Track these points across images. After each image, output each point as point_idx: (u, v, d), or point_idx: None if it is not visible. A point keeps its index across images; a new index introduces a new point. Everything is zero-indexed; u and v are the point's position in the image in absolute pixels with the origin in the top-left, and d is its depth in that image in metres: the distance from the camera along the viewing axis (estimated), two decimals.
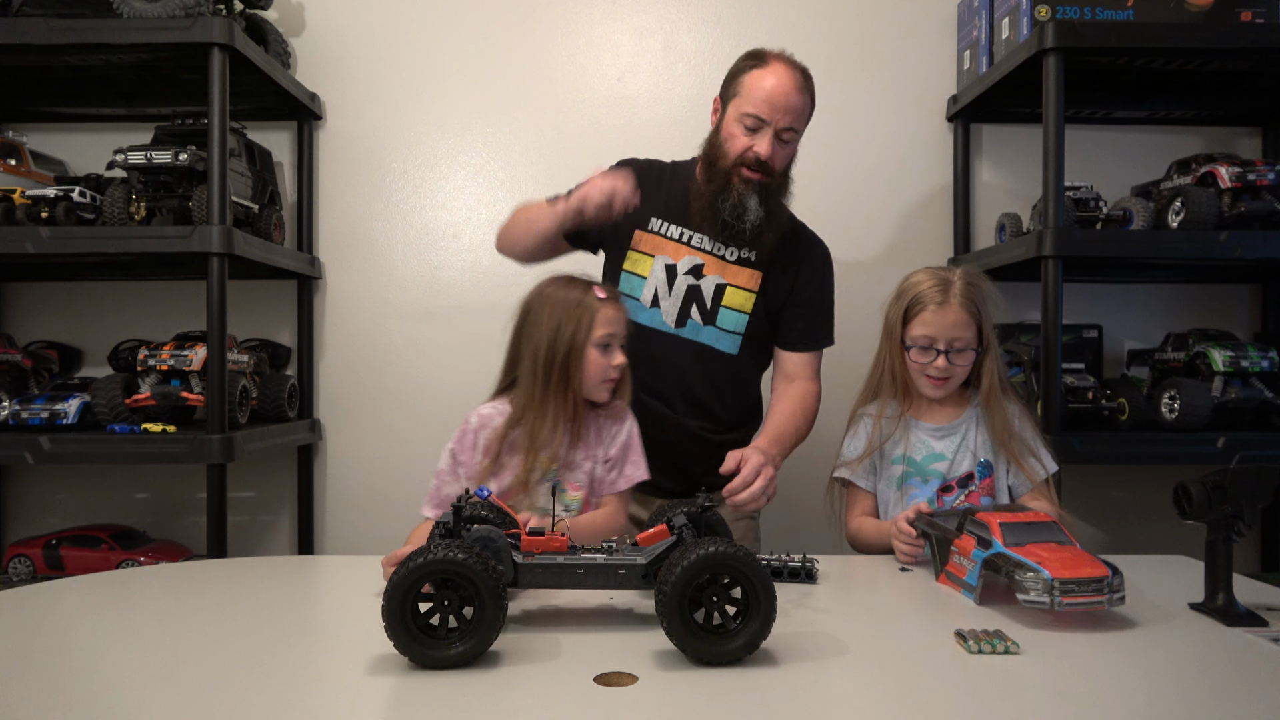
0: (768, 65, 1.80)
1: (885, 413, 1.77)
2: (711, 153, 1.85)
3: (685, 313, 1.88)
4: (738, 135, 1.80)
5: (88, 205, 2.13)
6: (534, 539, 1.15)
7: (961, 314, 1.69)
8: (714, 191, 1.82)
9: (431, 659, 1.00)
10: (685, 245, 1.89)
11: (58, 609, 1.29)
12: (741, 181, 1.80)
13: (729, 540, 1.06)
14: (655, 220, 1.91)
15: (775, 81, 1.78)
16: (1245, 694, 0.98)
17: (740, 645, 1.03)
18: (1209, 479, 1.22)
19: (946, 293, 1.70)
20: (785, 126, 1.79)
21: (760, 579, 1.02)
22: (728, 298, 1.88)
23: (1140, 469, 2.54)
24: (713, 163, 1.84)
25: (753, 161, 1.79)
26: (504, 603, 1.03)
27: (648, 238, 1.91)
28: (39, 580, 2.15)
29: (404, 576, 1.00)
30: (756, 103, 1.78)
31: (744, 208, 1.80)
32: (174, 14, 2.05)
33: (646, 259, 1.89)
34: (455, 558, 1.00)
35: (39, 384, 2.35)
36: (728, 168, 1.81)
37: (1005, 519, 1.30)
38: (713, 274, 1.88)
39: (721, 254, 1.88)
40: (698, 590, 1.03)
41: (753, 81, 1.79)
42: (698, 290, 1.88)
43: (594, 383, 1.62)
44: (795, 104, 1.79)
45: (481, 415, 1.66)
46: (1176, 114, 2.55)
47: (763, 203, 1.81)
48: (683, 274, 1.88)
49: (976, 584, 1.29)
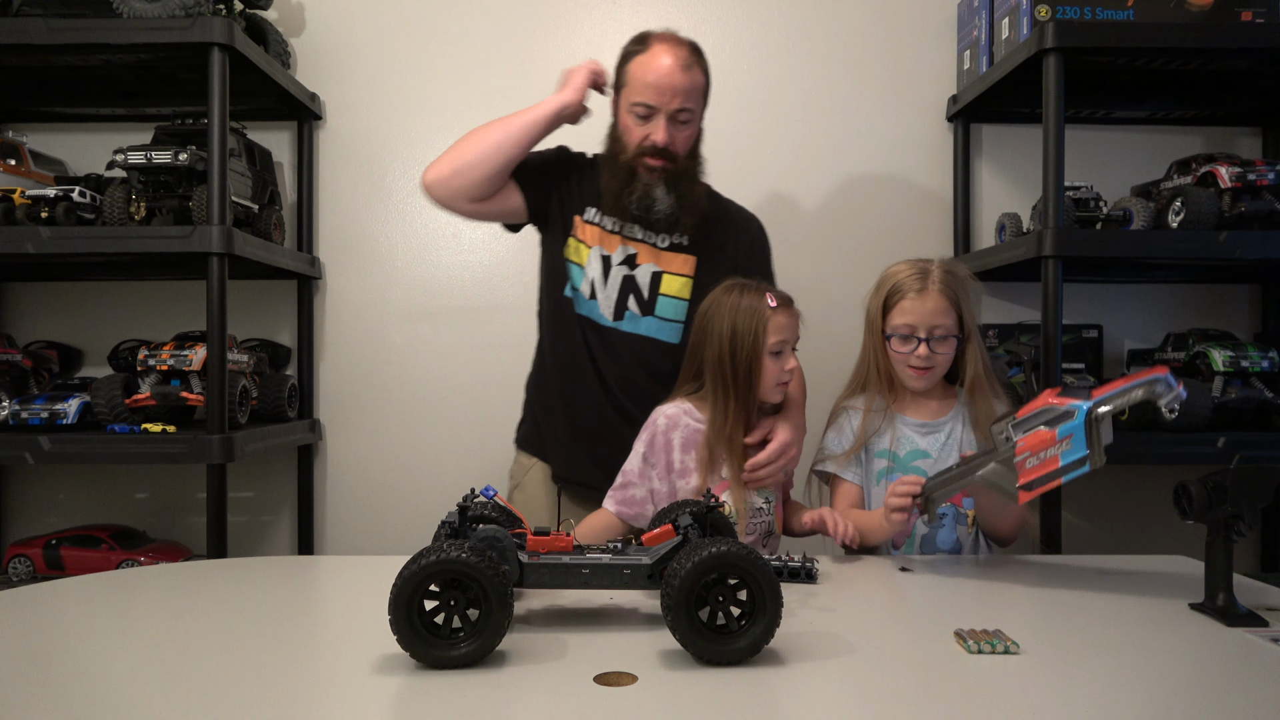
0: (649, 49, 1.77)
1: (872, 406, 1.77)
2: (613, 146, 1.84)
3: (622, 305, 1.85)
4: (632, 126, 1.78)
5: (88, 205, 2.13)
6: (540, 539, 1.15)
7: (940, 300, 1.70)
8: (619, 185, 1.80)
9: (437, 659, 1.00)
10: (618, 235, 1.87)
11: (58, 609, 1.29)
12: (646, 171, 1.78)
13: (737, 541, 1.07)
14: (589, 209, 1.89)
15: (658, 65, 1.75)
16: (1246, 694, 0.98)
17: (744, 646, 1.03)
18: (1209, 479, 1.22)
19: (925, 280, 1.71)
20: (678, 108, 1.76)
21: (768, 581, 1.03)
22: (665, 285, 1.86)
23: (1140, 469, 2.54)
24: (614, 156, 1.82)
25: (652, 150, 1.77)
26: (511, 604, 1.03)
27: (585, 227, 1.88)
28: (39, 580, 2.15)
29: (411, 576, 1.00)
30: (642, 90, 1.75)
31: (651, 198, 1.79)
32: (174, 14, 2.05)
33: (584, 248, 1.87)
34: (463, 558, 1.00)
35: (39, 384, 2.35)
36: (629, 160, 1.79)
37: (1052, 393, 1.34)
38: (647, 262, 1.86)
39: (654, 241, 1.86)
40: (705, 589, 1.03)
41: (636, 69, 1.77)
42: (633, 281, 1.85)
43: (769, 387, 1.69)
44: (682, 84, 1.75)
45: (668, 416, 1.72)
46: (1176, 114, 2.55)
47: (671, 189, 1.79)
48: (617, 264, 1.85)
49: (1087, 449, 1.27)
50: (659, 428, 1.71)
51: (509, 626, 1.03)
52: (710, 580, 1.03)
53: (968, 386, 1.75)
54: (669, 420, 1.71)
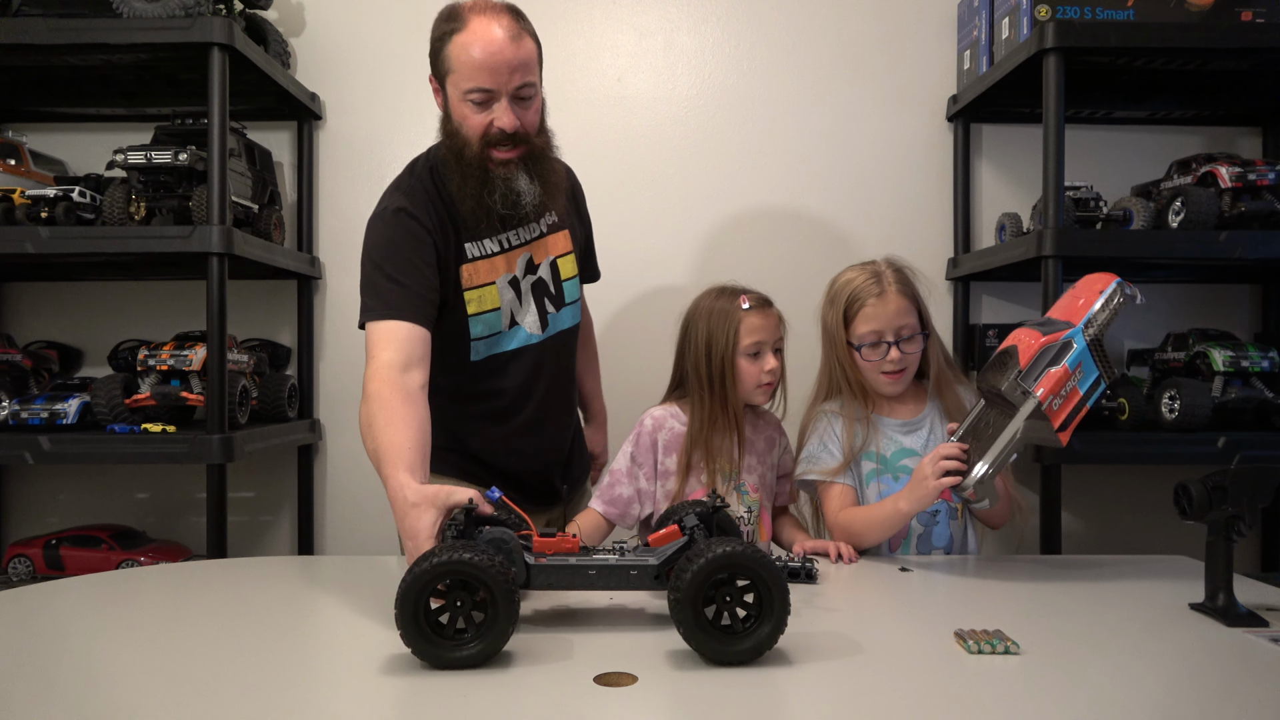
0: (468, 26, 1.51)
1: (853, 415, 1.73)
2: (453, 143, 1.59)
3: (543, 312, 1.74)
4: (470, 115, 1.54)
5: (88, 205, 2.13)
6: (546, 540, 1.16)
7: (901, 300, 1.69)
8: (476, 187, 1.58)
9: (442, 659, 1.01)
10: (509, 250, 1.69)
11: (58, 609, 1.29)
12: (499, 166, 1.57)
13: (745, 541, 1.07)
14: (469, 246, 1.65)
15: (486, 40, 1.50)
16: (1247, 695, 0.98)
17: (749, 647, 1.03)
18: (1210, 479, 1.22)
19: (881, 282, 1.70)
20: (518, 85, 1.53)
21: (777, 583, 1.03)
22: (563, 270, 1.76)
23: (1140, 469, 2.53)
24: (459, 154, 1.58)
25: (500, 137, 1.55)
26: (517, 606, 1.03)
27: (475, 268, 1.66)
28: (39, 580, 2.15)
29: (418, 576, 0.99)
30: (473, 74, 1.51)
31: (515, 193, 1.59)
32: (174, 14, 2.05)
33: (489, 290, 1.66)
34: (471, 560, 1.00)
35: (39, 384, 2.35)
36: (477, 154, 1.56)
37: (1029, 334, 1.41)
38: (543, 258, 1.73)
39: (537, 234, 1.72)
40: (713, 588, 1.03)
41: (459, 51, 1.51)
42: (542, 283, 1.74)
43: (749, 388, 1.71)
44: (516, 57, 1.51)
45: (655, 418, 1.75)
46: (1176, 114, 2.55)
47: (533, 175, 1.60)
48: (524, 277, 1.71)
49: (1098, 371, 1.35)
50: (645, 429, 1.73)
51: (515, 628, 1.03)
52: (719, 580, 1.03)
53: (934, 380, 1.75)
54: (655, 422, 1.74)
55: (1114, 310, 1.34)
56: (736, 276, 1.84)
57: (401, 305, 1.54)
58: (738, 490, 1.72)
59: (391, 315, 1.53)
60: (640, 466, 1.72)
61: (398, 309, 1.53)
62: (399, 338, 1.51)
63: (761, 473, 1.76)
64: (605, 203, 2.53)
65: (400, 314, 1.53)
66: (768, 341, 1.70)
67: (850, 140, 2.57)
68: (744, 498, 1.72)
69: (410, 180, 1.66)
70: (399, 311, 1.53)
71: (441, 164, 1.65)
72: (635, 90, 2.58)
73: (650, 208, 2.56)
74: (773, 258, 2.56)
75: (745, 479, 1.73)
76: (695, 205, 2.56)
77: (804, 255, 2.55)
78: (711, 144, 2.57)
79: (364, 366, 1.49)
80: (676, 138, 2.58)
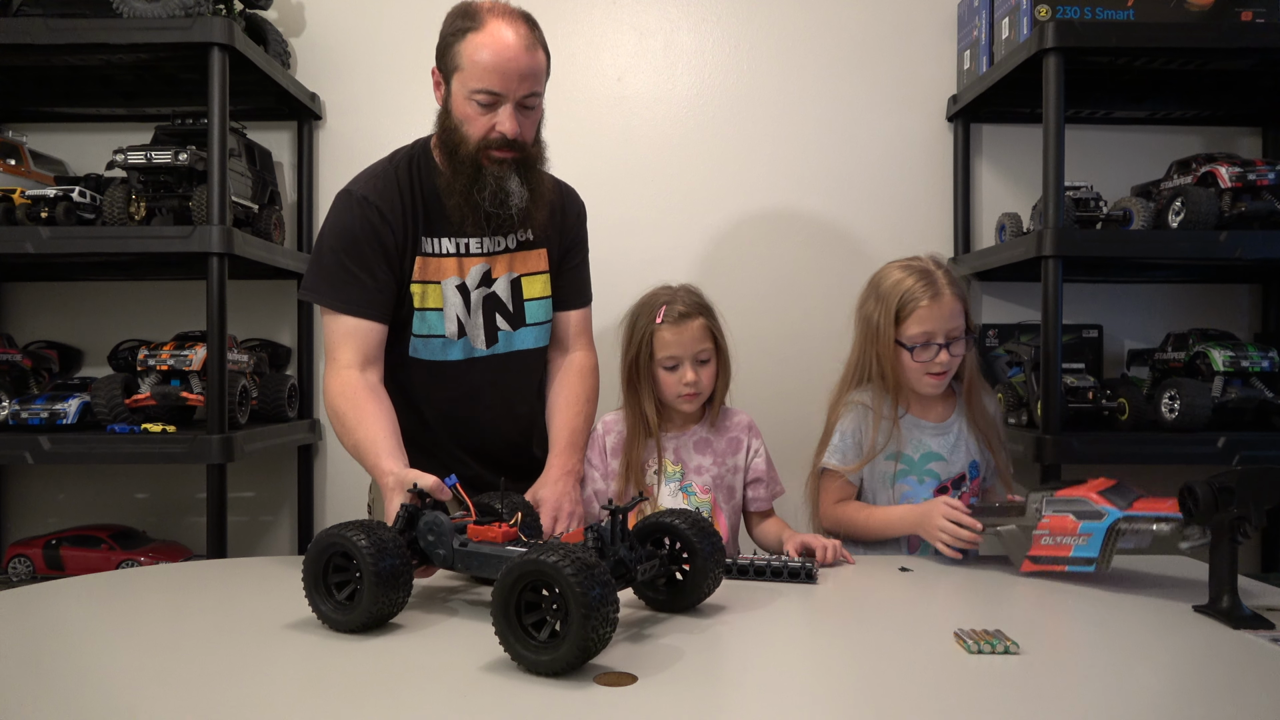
0: (484, 27, 1.52)
1: (883, 412, 1.73)
2: (449, 138, 1.59)
3: (493, 328, 1.70)
4: (473, 116, 1.55)
5: (88, 205, 2.13)
6: (478, 528, 1.22)
7: (955, 303, 1.67)
8: (466, 183, 1.58)
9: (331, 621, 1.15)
10: (465, 256, 1.67)
11: (58, 609, 1.29)
12: (493, 164, 1.57)
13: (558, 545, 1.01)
14: (426, 241, 1.65)
15: (501, 45, 1.50)
16: (1251, 697, 0.98)
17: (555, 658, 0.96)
18: (1215, 480, 1.21)
19: (935, 284, 1.67)
20: (525, 94, 1.55)
21: (575, 596, 0.94)
22: (527, 290, 1.72)
23: (1140, 469, 2.53)
24: (454, 150, 1.58)
25: (500, 142, 1.56)
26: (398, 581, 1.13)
27: (426, 262, 1.65)
28: (39, 580, 2.15)
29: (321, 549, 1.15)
30: (483, 75, 1.51)
31: (505, 192, 1.58)
32: (174, 14, 2.05)
33: (434, 288, 1.65)
34: (348, 536, 1.12)
35: (39, 384, 2.35)
36: (473, 152, 1.56)
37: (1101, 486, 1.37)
38: (503, 273, 1.70)
39: (502, 247, 1.69)
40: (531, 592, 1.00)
41: (472, 50, 1.52)
42: (495, 298, 1.69)
43: (670, 398, 1.73)
44: (529, 66, 1.53)
45: (605, 423, 1.81)
46: (1176, 114, 2.55)
47: (524, 180, 1.60)
48: (475, 288, 1.67)
49: (1098, 554, 1.32)
50: (598, 433, 1.80)
51: (402, 603, 1.15)
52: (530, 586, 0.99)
53: (966, 385, 1.74)
54: (605, 426, 1.80)
55: (1163, 534, 1.31)
56: (736, 277, 1.84)
57: (361, 302, 1.60)
58: (684, 491, 1.73)
59: (352, 311, 1.59)
60: (595, 468, 1.77)
61: (358, 305, 1.60)
62: (359, 335, 1.59)
63: (719, 474, 1.75)
64: (605, 203, 2.54)
65: (360, 310, 1.60)
66: (683, 356, 1.71)
67: (850, 140, 2.57)
68: (691, 499, 1.73)
69: (385, 167, 1.67)
70: (359, 308, 1.60)
71: (425, 156, 1.67)
72: (635, 90, 2.58)
73: (650, 208, 2.56)
74: (773, 257, 2.56)
75: (694, 480, 1.74)
76: (695, 205, 2.56)
77: (804, 255, 2.56)
78: (711, 144, 2.57)
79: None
80: (676, 138, 2.58)
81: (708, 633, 1.16)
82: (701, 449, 1.76)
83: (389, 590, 1.12)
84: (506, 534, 1.21)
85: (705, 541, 1.21)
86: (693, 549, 1.21)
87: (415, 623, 1.19)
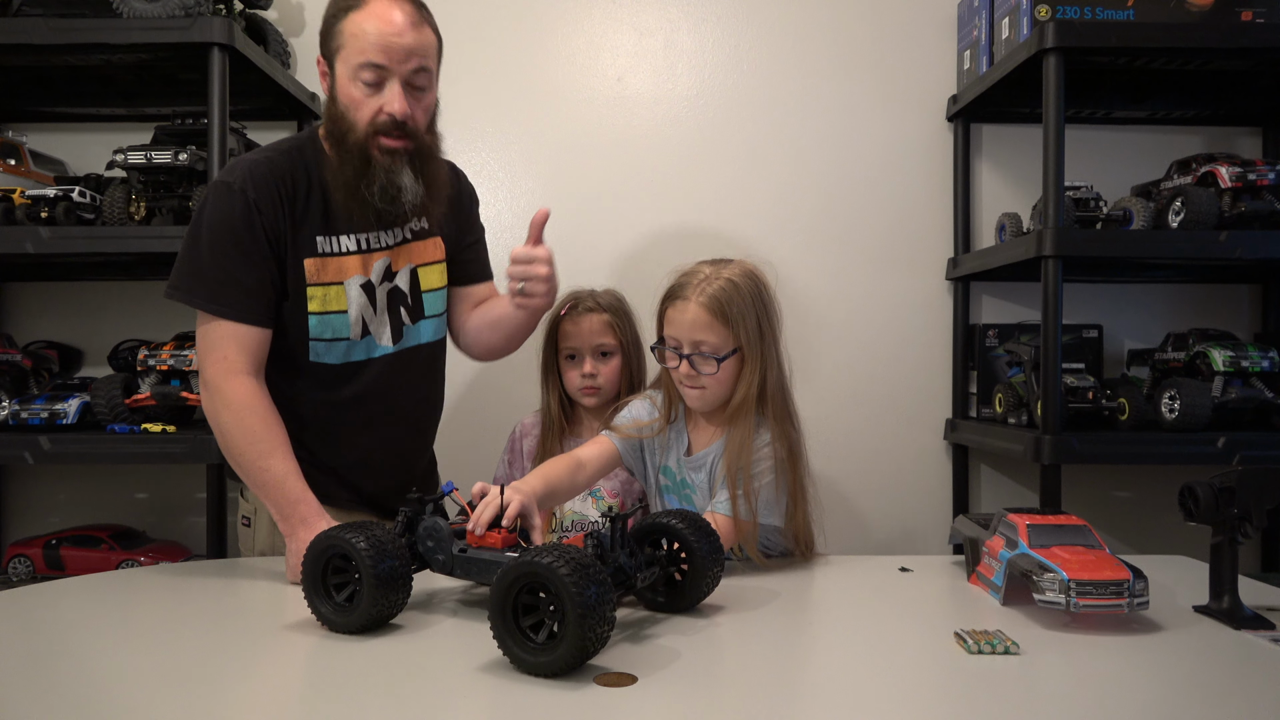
0: (366, 4, 1.46)
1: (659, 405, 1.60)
2: (336, 127, 1.50)
3: (398, 323, 1.62)
4: (359, 98, 1.47)
5: (88, 205, 2.13)
6: (476, 535, 1.22)
7: (702, 314, 1.47)
8: (353, 174, 1.49)
9: (332, 622, 1.14)
10: (368, 252, 1.57)
11: (58, 609, 1.29)
12: (383, 154, 1.49)
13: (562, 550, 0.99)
14: (320, 240, 1.54)
15: (387, 19, 1.45)
16: (1251, 697, 0.98)
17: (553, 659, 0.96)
18: (1216, 480, 1.21)
19: (688, 289, 1.50)
20: (414, 69, 1.47)
21: (570, 598, 0.94)
22: (424, 280, 1.65)
23: (1140, 469, 2.54)
24: (341, 139, 1.50)
25: (389, 125, 1.47)
26: (398, 584, 1.13)
27: (323, 263, 1.54)
28: (39, 580, 2.15)
29: (320, 551, 1.15)
30: (367, 49, 1.44)
31: (396, 186, 1.50)
32: (174, 14, 2.05)
33: (336, 289, 1.54)
34: (348, 539, 1.12)
35: (39, 384, 2.35)
36: (361, 140, 1.48)
37: (1034, 520, 1.30)
38: (403, 265, 1.61)
39: (400, 239, 1.61)
40: (529, 595, 0.99)
41: (354, 27, 1.45)
42: (398, 292, 1.62)
43: (573, 391, 1.74)
44: (416, 41, 1.46)
45: (523, 425, 1.85)
46: (1176, 114, 2.55)
47: (418, 174, 1.52)
48: (380, 285, 1.59)
49: (1002, 584, 1.29)
50: (515, 434, 1.84)
51: (401, 604, 1.15)
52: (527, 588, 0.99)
53: (729, 413, 1.52)
54: (522, 429, 1.85)
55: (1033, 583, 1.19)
56: None
57: (245, 306, 1.49)
58: (593, 495, 1.75)
59: (237, 316, 1.48)
60: (515, 469, 1.80)
61: (241, 311, 1.48)
62: (248, 340, 1.49)
63: (626, 478, 1.76)
64: (604, 203, 2.55)
65: (246, 315, 1.48)
66: (583, 348, 1.75)
67: (850, 140, 2.57)
68: (599, 502, 1.74)
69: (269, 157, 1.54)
70: (242, 313, 1.48)
71: (314, 147, 1.56)
72: (635, 90, 2.58)
73: (650, 208, 2.56)
74: (772, 257, 2.53)
75: (601, 484, 1.75)
76: (695, 205, 2.56)
77: (804, 255, 2.56)
78: (711, 144, 2.57)
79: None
80: (676, 138, 2.58)
81: (706, 633, 1.16)
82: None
83: (388, 592, 1.13)
84: (506, 540, 1.21)
85: (703, 542, 1.22)
86: (690, 549, 1.22)
87: (414, 624, 1.19)
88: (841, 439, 2.50)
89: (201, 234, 1.49)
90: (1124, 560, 1.20)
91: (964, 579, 1.45)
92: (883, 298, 2.56)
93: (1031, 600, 1.19)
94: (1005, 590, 1.28)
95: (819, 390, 2.50)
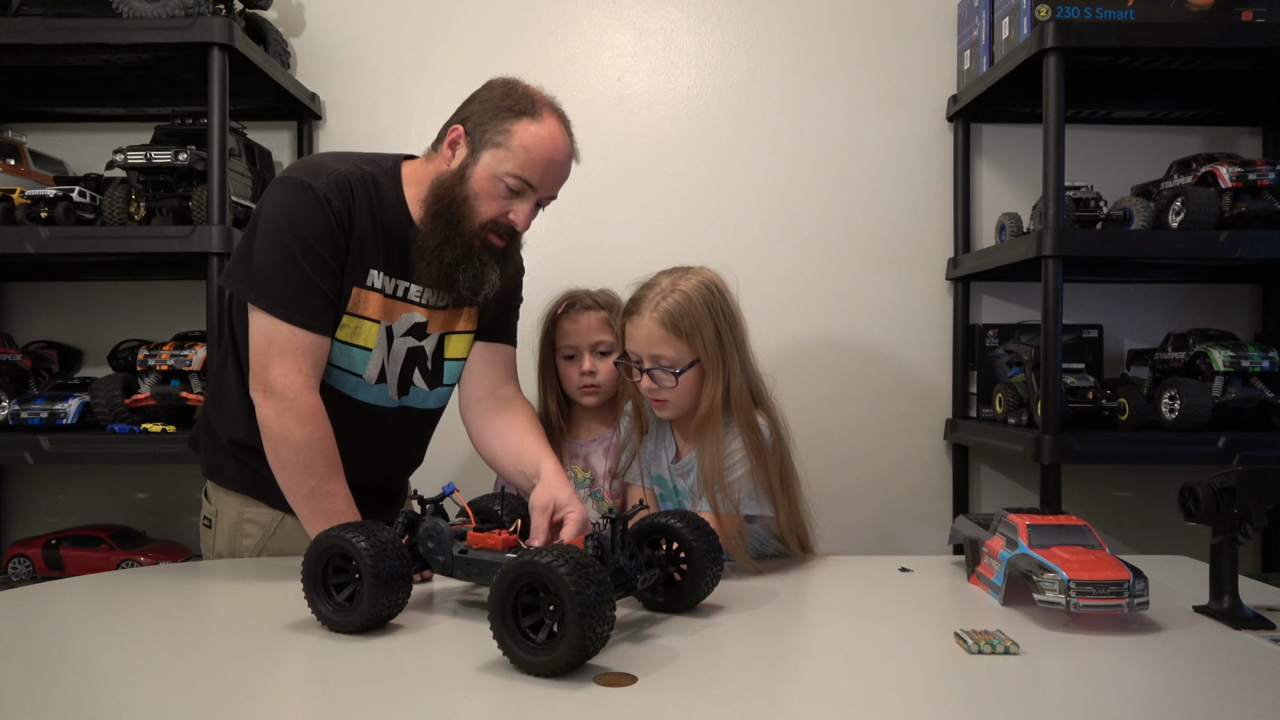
0: (543, 121, 1.47)
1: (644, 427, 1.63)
2: (450, 203, 1.48)
3: (407, 380, 1.57)
4: (493, 196, 1.47)
5: (87, 205, 2.13)
6: (478, 535, 1.22)
7: (657, 329, 1.49)
8: (453, 259, 1.48)
9: (331, 622, 1.14)
10: (402, 300, 1.53)
11: (58, 609, 1.29)
12: (484, 248, 1.50)
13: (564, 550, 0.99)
14: (375, 274, 1.50)
15: (555, 146, 1.47)
16: (1251, 697, 0.98)
17: (553, 659, 0.96)
18: (1217, 480, 1.21)
19: (643, 304, 1.52)
20: (550, 195, 1.52)
21: (566, 590, 0.94)
22: (450, 349, 1.61)
23: (1141, 469, 2.54)
24: (449, 215, 1.47)
25: (505, 229, 1.50)
26: (398, 583, 1.13)
27: (368, 297, 1.49)
28: (39, 580, 2.15)
29: (320, 551, 1.15)
30: (528, 165, 1.45)
31: (483, 280, 1.51)
32: (174, 14, 2.05)
33: (370, 326, 1.50)
34: (349, 539, 1.12)
35: (39, 384, 2.35)
36: (475, 230, 1.48)
37: (1034, 520, 1.30)
38: (436, 330, 1.58)
39: (443, 304, 1.57)
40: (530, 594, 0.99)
41: (525, 137, 1.45)
42: (420, 352, 1.57)
43: (572, 390, 1.75)
44: (567, 172, 1.53)
45: None
46: (1176, 114, 2.55)
47: (503, 271, 1.54)
48: (401, 336, 1.54)
49: (1001, 584, 1.29)
50: None
51: (401, 604, 1.15)
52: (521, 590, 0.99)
53: (696, 422, 1.52)
54: None
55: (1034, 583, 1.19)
56: (736, 277, 1.82)
57: (321, 318, 1.44)
58: (594, 497, 1.78)
59: (310, 326, 1.43)
60: None
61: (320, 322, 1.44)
62: (315, 354, 1.44)
63: (610, 467, 1.79)
64: (605, 203, 2.55)
65: (320, 327, 1.44)
66: (581, 346, 1.76)
67: (850, 140, 2.57)
68: (600, 504, 1.77)
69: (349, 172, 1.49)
70: (320, 325, 1.44)
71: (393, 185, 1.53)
72: (635, 90, 2.58)
73: (650, 208, 2.56)
74: (773, 257, 2.56)
75: (604, 486, 1.77)
76: (695, 205, 2.56)
77: (804, 255, 2.56)
78: (711, 144, 2.57)
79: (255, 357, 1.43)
80: (676, 138, 2.58)
81: (706, 633, 1.16)
82: (610, 455, 1.77)
83: (388, 592, 1.13)
84: (506, 541, 1.21)
85: (702, 542, 1.22)
86: (690, 549, 1.22)
87: (414, 624, 1.19)
88: (841, 439, 2.50)
89: (280, 233, 1.42)
90: (1124, 560, 1.20)
91: (964, 579, 1.45)
92: (883, 298, 2.56)
93: (1031, 600, 1.19)
94: (1005, 590, 1.28)
95: (819, 390, 2.50)
